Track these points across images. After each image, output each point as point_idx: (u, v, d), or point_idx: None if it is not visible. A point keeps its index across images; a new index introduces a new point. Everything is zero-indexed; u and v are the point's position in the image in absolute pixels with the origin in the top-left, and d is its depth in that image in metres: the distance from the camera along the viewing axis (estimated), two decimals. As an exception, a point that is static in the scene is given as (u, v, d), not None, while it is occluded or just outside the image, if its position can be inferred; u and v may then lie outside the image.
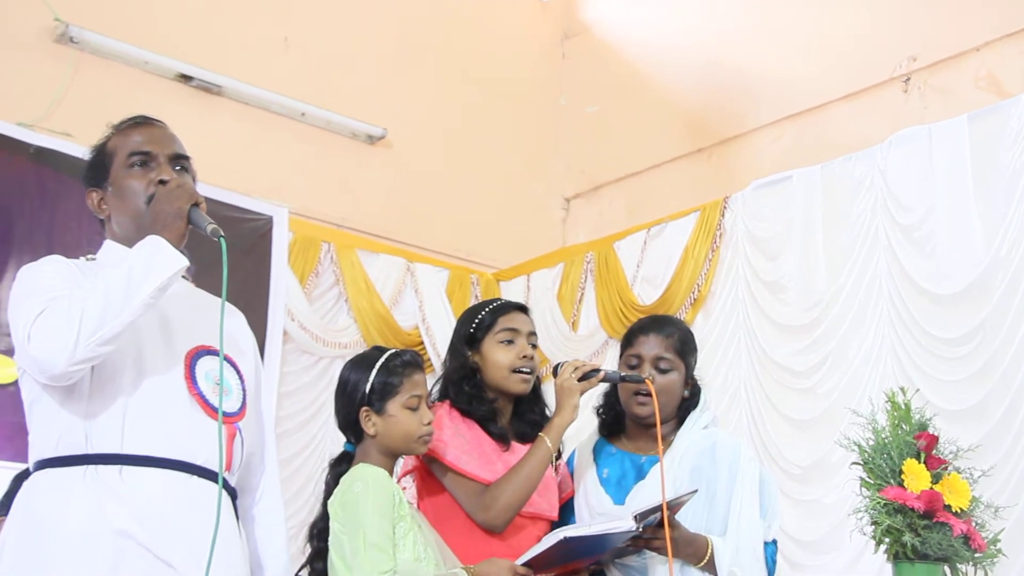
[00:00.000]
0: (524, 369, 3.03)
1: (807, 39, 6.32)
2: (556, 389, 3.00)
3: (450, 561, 2.72)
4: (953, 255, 5.01)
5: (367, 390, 2.73)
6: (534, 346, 3.09)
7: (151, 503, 2.27)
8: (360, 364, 2.80)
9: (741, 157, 6.61)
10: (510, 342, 3.04)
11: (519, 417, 3.10)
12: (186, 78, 6.15)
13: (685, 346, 3.13)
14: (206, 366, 2.41)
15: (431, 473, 2.92)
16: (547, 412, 3.12)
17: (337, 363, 6.36)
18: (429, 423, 2.75)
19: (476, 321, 3.08)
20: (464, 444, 2.92)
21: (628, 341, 3.15)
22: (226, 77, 6.27)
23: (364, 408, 2.73)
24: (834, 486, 5.05)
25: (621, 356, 3.16)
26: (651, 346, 3.08)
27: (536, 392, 3.12)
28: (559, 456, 3.12)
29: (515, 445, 3.02)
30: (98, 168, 2.53)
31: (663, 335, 3.10)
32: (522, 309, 3.14)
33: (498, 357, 3.03)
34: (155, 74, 6.05)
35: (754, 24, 6.64)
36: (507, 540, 2.88)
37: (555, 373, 3.04)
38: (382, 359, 2.77)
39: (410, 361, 2.79)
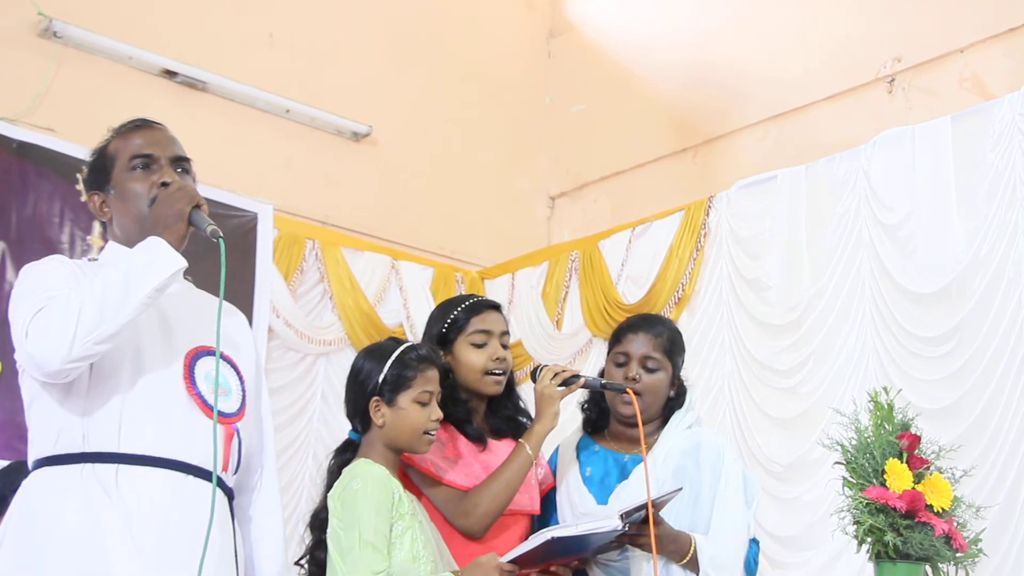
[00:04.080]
0: (496, 371, 3.00)
1: (792, 39, 6.34)
2: (536, 395, 2.97)
3: (447, 558, 2.72)
4: (934, 255, 5.03)
5: (380, 380, 2.73)
6: (505, 346, 3.06)
7: (146, 502, 2.28)
8: (375, 354, 2.80)
9: (726, 156, 6.63)
10: (483, 344, 3.01)
11: (493, 412, 3.07)
12: (170, 74, 6.13)
13: (673, 346, 3.12)
14: (205, 366, 2.41)
15: (409, 480, 2.90)
16: (521, 404, 3.11)
17: (322, 360, 6.37)
18: (438, 420, 2.74)
19: (448, 321, 3.04)
20: (441, 449, 2.90)
21: (616, 338, 3.14)
22: (211, 73, 6.25)
23: (375, 398, 2.73)
24: (814, 484, 5.08)
25: (609, 353, 3.14)
26: (639, 344, 3.07)
27: (509, 386, 3.09)
28: None
29: (492, 443, 3.01)
30: (99, 171, 2.54)
31: (652, 334, 3.09)
32: (495, 307, 3.10)
33: (471, 359, 2.99)
34: (139, 69, 6.03)
35: (739, 24, 6.65)
36: (489, 543, 2.87)
37: (534, 377, 3.01)
38: (398, 351, 2.76)
39: (426, 356, 2.79)
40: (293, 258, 6.30)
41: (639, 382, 3.02)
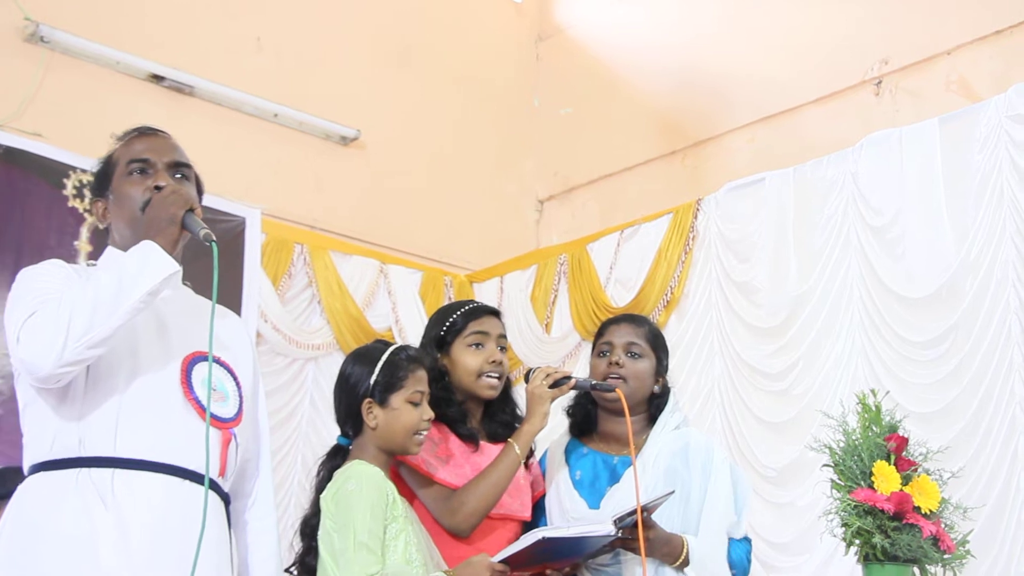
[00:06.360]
0: (492, 374, 3.03)
1: (780, 42, 6.35)
2: (527, 396, 3.00)
3: (437, 561, 2.72)
4: (924, 258, 5.04)
5: (371, 382, 2.73)
6: (503, 349, 3.09)
7: (143, 507, 2.27)
8: (364, 357, 2.80)
9: (714, 159, 6.64)
10: (479, 346, 3.04)
11: (490, 417, 3.09)
12: (158, 78, 6.11)
13: (657, 339, 3.16)
14: (203, 371, 2.41)
15: (400, 477, 2.92)
16: (517, 411, 3.13)
17: (311, 365, 6.35)
18: (429, 419, 2.76)
19: (447, 324, 3.07)
20: (432, 447, 2.92)
21: (600, 332, 3.18)
22: (198, 77, 6.23)
23: (367, 400, 2.73)
24: (808, 488, 5.07)
25: (593, 349, 3.17)
26: (623, 333, 3.11)
27: (506, 392, 3.12)
28: (531, 454, 3.13)
29: (485, 445, 3.02)
30: (102, 178, 2.56)
31: (635, 324, 3.15)
32: (494, 313, 3.13)
33: (467, 361, 3.02)
34: (126, 74, 6.01)
35: (727, 27, 6.66)
36: (476, 543, 2.88)
37: (527, 379, 3.03)
38: (388, 352, 2.78)
39: (415, 356, 2.80)
40: (281, 262, 6.29)
41: (623, 367, 3.05)
